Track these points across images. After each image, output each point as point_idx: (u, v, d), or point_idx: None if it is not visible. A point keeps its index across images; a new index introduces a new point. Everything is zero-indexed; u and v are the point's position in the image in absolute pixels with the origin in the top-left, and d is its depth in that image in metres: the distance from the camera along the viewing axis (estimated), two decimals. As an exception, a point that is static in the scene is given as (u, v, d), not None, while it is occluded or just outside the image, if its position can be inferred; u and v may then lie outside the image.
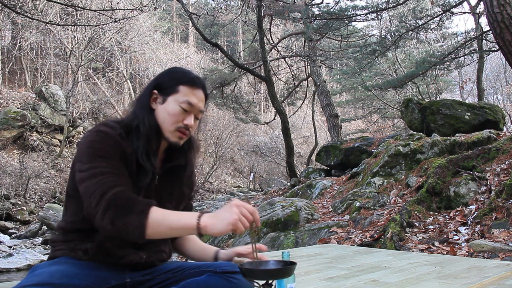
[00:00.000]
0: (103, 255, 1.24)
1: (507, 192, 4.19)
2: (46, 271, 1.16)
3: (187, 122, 1.30)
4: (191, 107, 1.30)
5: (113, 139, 1.22)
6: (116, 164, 1.20)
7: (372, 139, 9.28)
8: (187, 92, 1.30)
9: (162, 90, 1.32)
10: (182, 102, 1.29)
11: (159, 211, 1.14)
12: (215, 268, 1.28)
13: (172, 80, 1.32)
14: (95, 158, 1.19)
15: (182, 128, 1.30)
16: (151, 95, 1.33)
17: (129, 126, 1.29)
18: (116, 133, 1.25)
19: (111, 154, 1.20)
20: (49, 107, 16.90)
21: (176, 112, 1.29)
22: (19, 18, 14.97)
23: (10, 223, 11.74)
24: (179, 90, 1.30)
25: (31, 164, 14.34)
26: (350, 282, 2.14)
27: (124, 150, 1.23)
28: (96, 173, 1.16)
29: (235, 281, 1.24)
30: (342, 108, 22.03)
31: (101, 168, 1.17)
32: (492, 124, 7.83)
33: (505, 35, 4.90)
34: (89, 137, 1.24)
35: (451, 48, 11.30)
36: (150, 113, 1.31)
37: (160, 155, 1.36)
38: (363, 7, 9.87)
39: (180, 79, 1.32)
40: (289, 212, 5.53)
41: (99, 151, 1.20)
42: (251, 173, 20.30)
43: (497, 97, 20.65)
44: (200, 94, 1.33)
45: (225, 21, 19.06)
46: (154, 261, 1.33)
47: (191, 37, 29.09)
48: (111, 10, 9.61)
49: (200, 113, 1.34)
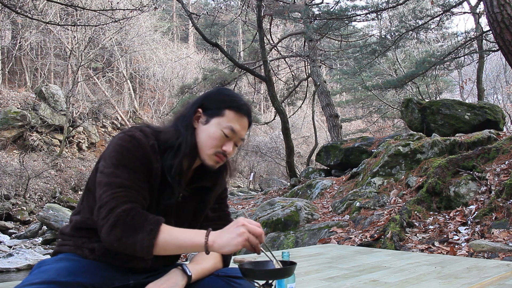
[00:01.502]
0: (109, 256, 1.24)
1: (507, 192, 4.19)
2: (52, 268, 1.15)
3: (226, 149, 1.25)
4: (233, 134, 1.26)
5: (143, 150, 1.19)
6: (139, 178, 1.17)
7: (372, 139, 9.28)
8: (232, 118, 1.26)
9: (208, 110, 1.28)
10: (225, 128, 1.25)
11: (168, 230, 1.13)
12: (218, 272, 1.28)
13: (219, 102, 1.28)
14: (120, 166, 1.17)
15: (220, 154, 1.25)
16: (195, 113, 1.29)
17: (168, 141, 1.25)
18: (149, 143, 1.21)
19: (136, 166, 1.18)
20: (49, 107, 16.91)
21: (218, 136, 1.25)
22: (19, 18, 14.98)
23: (10, 223, 11.74)
24: (224, 114, 1.26)
25: (31, 164, 14.35)
26: (350, 282, 2.14)
27: (151, 163, 1.20)
28: (115, 183, 1.14)
29: (237, 285, 1.24)
30: (342, 108, 22.04)
31: (121, 179, 1.15)
32: (492, 124, 7.83)
33: (505, 35, 4.90)
34: (121, 140, 1.20)
35: (451, 48, 11.30)
36: (191, 131, 1.27)
37: (188, 174, 1.32)
38: (363, 7, 9.87)
39: (228, 103, 1.27)
40: (289, 212, 5.53)
41: (126, 160, 1.17)
42: (251, 173, 20.30)
43: (497, 97, 20.65)
44: (244, 122, 1.29)
45: (225, 21, 19.08)
46: (159, 266, 1.33)
47: (191, 37, 29.09)
48: (111, 10, 9.60)
49: (240, 141, 1.30)
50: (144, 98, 24.93)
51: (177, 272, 1.21)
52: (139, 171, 1.18)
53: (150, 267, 1.30)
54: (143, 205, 1.17)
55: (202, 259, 1.30)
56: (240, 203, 8.39)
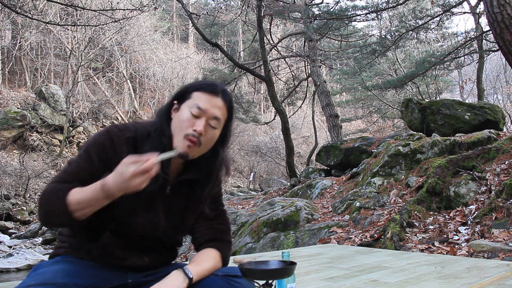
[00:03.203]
0: (106, 256, 1.25)
1: (507, 192, 4.19)
2: (49, 270, 1.16)
3: (196, 128, 1.21)
4: (201, 112, 1.23)
5: (112, 143, 1.22)
6: (93, 170, 1.19)
7: (372, 139, 9.28)
8: (199, 97, 1.25)
9: (180, 99, 1.29)
10: (192, 107, 1.24)
11: (76, 190, 1.14)
12: (217, 271, 1.28)
13: (189, 88, 1.30)
14: (82, 155, 1.22)
15: (190, 136, 1.21)
16: (172, 105, 1.30)
17: (145, 132, 1.27)
18: (124, 136, 1.24)
19: (99, 156, 1.21)
20: (49, 107, 16.91)
21: (186, 117, 1.23)
22: (19, 18, 14.98)
23: (10, 223, 11.74)
24: (192, 96, 1.26)
25: (31, 164, 14.35)
26: (350, 282, 2.14)
27: (120, 157, 1.17)
28: (65, 169, 1.22)
29: (237, 285, 1.24)
30: (342, 108, 22.04)
31: (76, 164, 1.22)
32: (492, 124, 7.83)
33: (505, 35, 4.90)
34: (97, 134, 1.26)
35: (451, 48, 11.30)
36: (167, 121, 1.28)
37: (176, 166, 1.31)
38: (363, 7, 9.86)
39: (196, 86, 1.28)
40: (289, 212, 5.52)
41: (90, 150, 1.22)
42: (251, 173, 20.30)
43: (497, 97, 20.64)
44: (215, 100, 1.26)
45: (225, 21, 19.07)
46: (157, 264, 1.33)
47: (191, 37, 29.09)
48: (111, 10, 9.60)
49: (215, 121, 1.25)
50: (144, 98, 24.93)
51: (178, 275, 1.20)
52: (98, 160, 1.20)
53: (147, 265, 1.30)
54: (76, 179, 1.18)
55: (202, 259, 1.30)
56: (240, 203, 8.38)
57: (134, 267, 1.28)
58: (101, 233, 1.24)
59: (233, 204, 8.16)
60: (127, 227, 1.25)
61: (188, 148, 1.22)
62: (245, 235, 5.47)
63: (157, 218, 1.28)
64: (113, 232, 1.25)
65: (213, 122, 1.25)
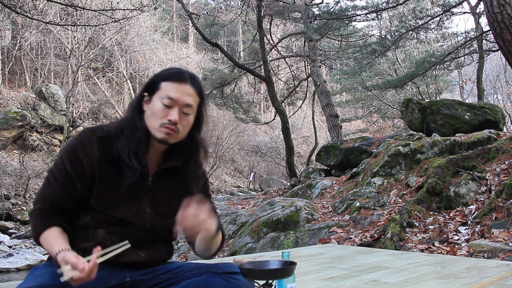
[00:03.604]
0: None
1: (507, 192, 4.19)
2: (45, 273, 1.16)
3: (170, 117, 1.26)
4: (173, 102, 1.27)
5: (83, 146, 1.27)
6: (69, 176, 1.26)
7: (372, 139, 9.28)
8: (168, 87, 1.28)
9: (149, 90, 1.32)
10: (163, 98, 1.27)
11: (48, 234, 1.22)
12: (216, 268, 1.28)
13: (157, 78, 1.32)
14: (57, 162, 1.28)
15: (166, 124, 1.26)
16: (143, 98, 1.33)
17: (118, 129, 1.30)
18: (96, 136, 1.28)
19: (71, 163, 1.26)
20: (49, 107, 16.91)
21: (159, 108, 1.27)
22: (19, 18, 14.97)
23: (10, 223, 11.73)
24: (161, 87, 1.29)
25: (31, 164, 14.34)
26: (350, 282, 2.14)
27: (92, 157, 1.26)
28: (47, 178, 1.29)
29: (235, 281, 1.24)
30: (342, 108, 22.03)
31: (53, 175, 1.28)
32: (492, 124, 7.83)
33: (505, 35, 4.89)
34: (70, 139, 1.31)
35: (451, 48, 11.29)
36: (139, 114, 1.31)
37: (155, 157, 1.35)
38: (363, 7, 9.86)
39: (163, 76, 1.31)
40: (289, 212, 5.52)
41: (66, 156, 1.27)
42: (251, 173, 20.30)
43: (497, 97, 20.63)
44: (185, 88, 1.29)
45: (225, 21, 19.06)
46: (153, 260, 1.33)
47: (191, 37, 29.08)
48: (111, 10, 9.59)
49: (188, 108, 1.29)
50: (144, 98, 24.87)
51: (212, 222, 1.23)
52: (71, 168, 1.26)
53: (144, 261, 1.31)
54: (57, 204, 1.26)
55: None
56: (240, 203, 8.38)
57: (131, 264, 1.28)
58: (95, 231, 1.26)
59: (233, 204, 8.15)
60: (115, 219, 1.28)
61: (168, 135, 1.27)
62: (245, 235, 5.47)
63: (142, 209, 1.31)
64: (107, 229, 1.27)
65: (186, 109, 1.29)
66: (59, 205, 1.26)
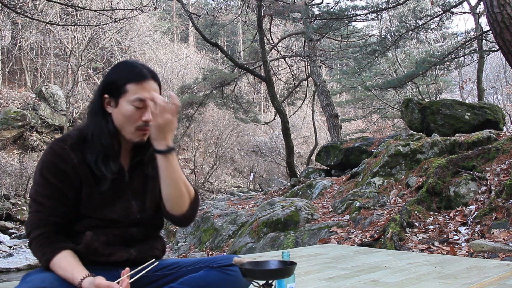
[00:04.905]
0: (91, 255, 1.26)
1: (507, 192, 4.19)
2: (37, 277, 1.17)
3: (145, 118, 1.27)
4: (144, 103, 1.27)
5: (60, 157, 1.24)
6: (58, 189, 1.23)
7: (372, 139, 9.27)
8: (136, 89, 1.27)
9: (112, 93, 1.30)
10: (133, 101, 1.27)
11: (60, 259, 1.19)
12: (212, 263, 1.31)
13: (118, 81, 1.29)
14: (40, 180, 1.24)
15: (142, 126, 1.28)
16: (103, 99, 1.31)
17: (81, 137, 1.30)
18: (67, 144, 1.26)
19: (55, 176, 1.23)
20: (49, 107, 16.91)
21: (131, 112, 1.27)
22: (19, 18, 14.97)
23: (10, 223, 11.73)
24: (127, 89, 1.28)
25: (31, 164, 14.33)
26: (350, 282, 2.14)
27: (73, 164, 1.25)
28: (36, 201, 1.24)
29: (232, 273, 1.27)
30: (342, 108, 22.03)
31: (41, 195, 1.23)
32: (492, 124, 7.82)
33: (505, 35, 4.89)
34: (43, 155, 1.28)
35: (451, 48, 11.28)
36: (104, 118, 1.30)
37: (127, 152, 1.36)
38: (363, 7, 9.85)
39: (125, 79, 1.29)
40: (289, 212, 5.52)
41: (45, 172, 1.24)
42: (251, 173, 20.29)
43: (497, 97, 20.62)
44: (149, 84, 1.29)
45: (225, 21, 19.06)
46: (146, 257, 1.33)
47: (191, 37, 29.07)
48: (111, 10, 9.59)
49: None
50: (144, 98, 24.87)
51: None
52: (60, 179, 1.24)
53: (136, 259, 1.31)
54: (57, 222, 1.24)
55: None
56: (240, 203, 8.38)
57: (123, 262, 1.28)
58: (82, 234, 1.26)
59: (233, 204, 8.15)
60: (104, 221, 1.28)
61: (144, 136, 1.30)
62: (245, 235, 5.47)
63: (127, 204, 1.32)
64: (95, 231, 1.27)
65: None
66: (59, 222, 1.25)
